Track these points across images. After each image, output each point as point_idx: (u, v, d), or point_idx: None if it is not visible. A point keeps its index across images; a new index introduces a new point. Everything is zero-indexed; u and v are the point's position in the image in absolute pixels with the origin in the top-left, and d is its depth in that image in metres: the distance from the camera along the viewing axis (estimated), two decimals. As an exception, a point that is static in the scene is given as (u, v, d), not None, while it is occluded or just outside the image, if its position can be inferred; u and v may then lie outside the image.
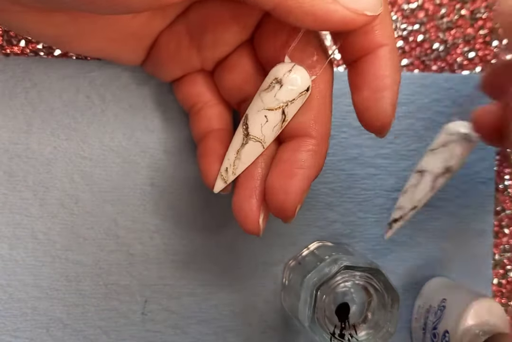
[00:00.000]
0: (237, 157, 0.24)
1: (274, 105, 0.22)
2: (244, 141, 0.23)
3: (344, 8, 0.20)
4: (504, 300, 0.37)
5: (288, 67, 0.22)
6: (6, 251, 0.33)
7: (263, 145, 0.23)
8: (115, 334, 0.33)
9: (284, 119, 0.23)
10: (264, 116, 0.23)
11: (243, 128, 0.23)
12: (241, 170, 0.24)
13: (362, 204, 0.36)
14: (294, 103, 0.23)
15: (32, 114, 0.33)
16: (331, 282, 0.28)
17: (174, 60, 0.27)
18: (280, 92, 0.22)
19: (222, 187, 0.25)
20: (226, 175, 0.24)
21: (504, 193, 0.37)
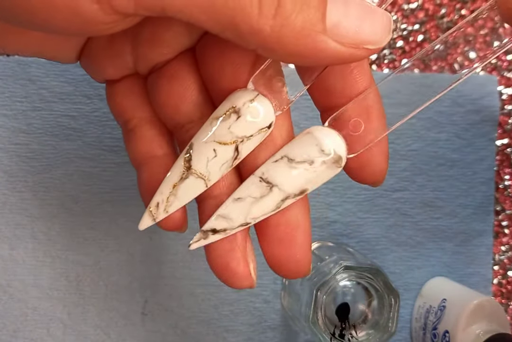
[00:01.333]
0: (173, 193, 0.19)
1: (226, 139, 0.19)
2: (183, 175, 0.19)
3: (337, 44, 0.16)
4: (504, 300, 0.37)
5: (250, 96, 0.19)
6: (7, 251, 0.33)
7: (207, 184, 0.19)
8: (115, 334, 0.33)
9: (236, 157, 0.19)
10: (213, 150, 0.19)
11: (184, 160, 0.19)
12: (175, 208, 0.19)
13: (362, 204, 0.36)
14: (251, 140, 0.19)
15: (32, 114, 0.33)
16: (331, 282, 0.28)
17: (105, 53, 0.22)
18: (236, 125, 0.19)
19: (149, 224, 0.20)
20: (156, 211, 0.19)
21: (504, 193, 0.37)
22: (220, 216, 0.20)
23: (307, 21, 0.15)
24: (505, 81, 0.37)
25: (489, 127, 0.36)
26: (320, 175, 0.19)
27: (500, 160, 0.37)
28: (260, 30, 0.15)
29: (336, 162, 0.19)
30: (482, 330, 0.31)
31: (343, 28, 0.16)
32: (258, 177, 0.19)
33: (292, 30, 0.15)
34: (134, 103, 0.22)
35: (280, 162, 0.19)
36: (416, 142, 0.36)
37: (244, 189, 0.19)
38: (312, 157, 0.19)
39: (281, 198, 0.19)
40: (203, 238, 0.20)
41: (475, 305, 0.32)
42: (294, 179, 0.19)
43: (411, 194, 0.36)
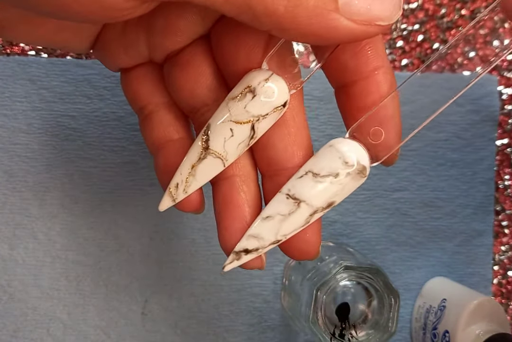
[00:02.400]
0: (191, 173, 0.20)
1: (243, 118, 0.19)
2: (202, 156, 0.20)
3: (350, 21, 0.16)
4: (504, 300, 0.37)
5: (265, 76, 0.19)
6: (6, 251, 0.33)
7: (224, 164, 0.20)
8: (115, 334, 0.33)
9: (252, 136, 0.19)
10: (230, 130, 0.19)
11: (202, 140, 0.20)
12: (194, 189, 0.20)
13: (362, 204, 0.36)
14: (267, 119, 0.19)
15: (32, 114, 0.33)
16: (331, 282, 0.28)
17: (119, 42, 0.22)
18: (252, 104, 0.19)
19: (169, 205, 0.20)
20: (176, 192, 0.20)
21: (504, 193, 0.37)
22: (251, 235, 0.20)
23: (320, 1, 0.16)
24: (505, 81, 0.37)
25: (489, 127, 0.37)
26: (346, 187, 0.19)
27: (500, 160, 0.37)
28: (274, 10, 0.16)
29: (360, 173, 0.19)
30: (482, 330, 0.31)
31: (355, 6, 0.16)
32: (284, 194, 0.20)
33: (305, 9, 0.16)
34: (150, 89, 0.22)
35: (305, 177, 0.19)
36: (416, 142, 0.36)
37: (272, 207, 0.20)
38: (337, 170, 0.19)
39: (310, 213, 0.19)
40: (236, 259, 0.20)
41: (475, 305, 0.32)
42: (320, 193, 0.19)
43: (411, 194, 0.36)
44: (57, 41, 0.22)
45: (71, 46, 0.23)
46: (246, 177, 0.21)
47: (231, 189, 0.21)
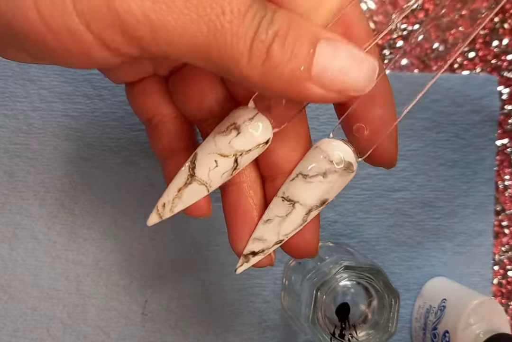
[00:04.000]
0: (178, 196, 0.21)
1: (227, 152, 0.20)
2: (188, 181, 0.21)
3: (322, 89, 0.17)
4: (504, 300, 0.37)
5: (250, 115, 0.20)
6: (6, 251, 0.33)
7: (208, 190, 0.21)
8: (115, 334, 0.33)
9: (235, 168, 0.21)
10: (214, 161, 0.21)
11: (189, 167, 0.21)
12: (179, 209, 0.22)
13: (362, 204, 0.36)
14: (250, 153, 0.20)
15: (32, 114, 0.33)
16: (331, 282, 0.28)
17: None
18: (236, 140, 0.20)
19: (156, 221, 0.22)
20: (163, 210, 0.22)
21: (504, 193, 0.37)
22: (256, 239, 0.22)
23: (295, 71, 0.17)
24: (505, 81, 0.37)
25: (489, 127, 0.36)
26: (336, 184, 0.21)
27: (500, 160, 0.37)
28: (248, 77, 0.17)
29: (347, 169, 0.20)
30: (482, 330, 0.31)
31: (329, 76, 0.17)
32: (280, 197, 0.21)
33: (280, 78, 0.17)
34: (156, 101, 0.24)
35: (296, 180, 0.21)
36: (416, 143, 0.36)
37: (270, 211, 0.22)
38: (324, 169, 0.20)
39: (305, 212, 0.21)
40: (245, 262, 0.22)
41: (475, 305, 0.32)
42: (312, 193, 0.21)
43: (411, 194, 0.36)
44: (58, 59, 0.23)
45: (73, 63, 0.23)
46: (252, 183, 0.22)
47: (239, 195, 0.22)
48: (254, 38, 0.16)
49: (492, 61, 0.37)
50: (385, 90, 0.21)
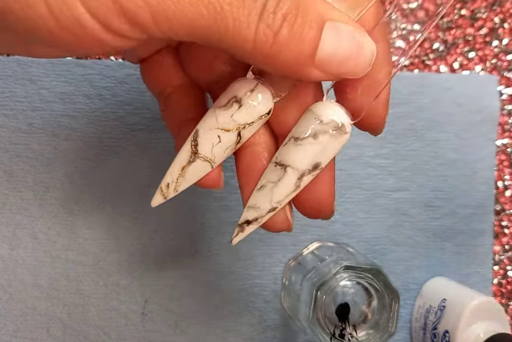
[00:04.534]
0: (181, 174, 0.21)
1: (230, 126, 0.20)
2: (191, 159, 0.21)
3: (320, 73, 0.18)
4: (504, 300, 0.37)
5: (251, 86, 0.20)
6: (6, 251, 0.33)
7: (212, 166, 0.21)
8: (115, 334, 0.33)
9: (238, 141, 0.21)
10: (217, 136, 0.20)
11: (191, 145, 0.21)
12: (183, 188, 0.21)
13: (362, 204, 0.36)
14: (252, 126, 0.20)
15: (32, 114, 0.33)
16: (331, 282, 0.28)
17: None
18: (238, 113, 0.20)
19: (160, 201, 0.22)
20: (167, 190, 0.21)
21: (504, 193, 0.37)
22: (250, 207, 0.21)
23: (299, 56, 0.17)
24: (505, 81, 0.37)
25: (489, 127, 0.36)
26: (328, 146, 0.20)
27: (500, 160, 0.37)
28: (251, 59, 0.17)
29: (339, 130, 0.20)
30: (482, 330, 0.31)
31: (330, 61, 0.18)
32: (273, 163, 0.21)
33: (284, 61, 0.17)
34: (168, 72, 0.24)
35: (288, 143, 0.20)
36: (416, 142, 0.36)
37: (264, 177, 0.21)
38: (314, 130, 0.20)
39: (297, 176, 0.20)
40: (240, 231, 0.21)
41: (475, 305, 0.32)
42: (302, 156, 0.20)
43: (411, 194, 0.36)
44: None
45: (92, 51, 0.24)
46: (266, 144, 0.22)
47: (253, 157, 0.22)
48: (260, 22, 0.16)
49: (492, 61, 0.37)
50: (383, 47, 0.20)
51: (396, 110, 0.36)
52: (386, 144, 0.36)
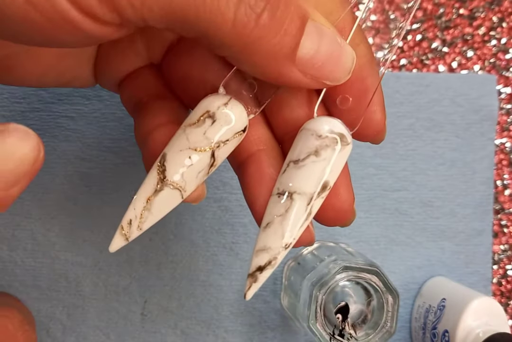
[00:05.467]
0: (147, 207, 0.18)
1: (202, 145, 0.18)
2: (158, 187, 0.18)
3: (300, 73, 0.17)
4: (504, 299, 0.37)
5: (224, 100, 0.18)
6: (6, 252, 0.33)
7: (182, 195, 0.18)
8: (115, 334, 0.33)
9: (212, 164, 0.18)
10: (188, 158, 0.18)
11: (158, 170, 0.18)
12: (149, 224, 0.19)
13: (362, 204, 0.36)
14: (227, 145, 0.18)
15: (31, 115, 0.33)
16: (331, 282, 0.28)
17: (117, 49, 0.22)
18: (212, 130, 0.18)
19: (121, 245, 0.18)
20: (129, 229, 0.18)
21: (504, 192, 0.37)
22: (259, 250, 0.18)
23: (280, 47, 0.16)
24: (504, 80, 0.37)
25: (488, 126, 0.36)
26: (332, 161, 0.18)
27: (499, 160, 0.37)
28: (229, 45, 0.16)
29: (340, 141, 0.18)
30: (482, 330, 0.31)
31: (311, 61, 0.17)
32: (275, 195, 0.19)
33: (263, 51, 0.16)
34: (145, 83, 0.22)
35: (288, 169, 0.19)
36: (415, 142, 0.36)
37: (268, 213, 0.19)
38: (315, 147, 0.18)
39: (306, 202, 0.18)
40: (253, 282, 0.19)
41: (475, 305, 0.32)
42: (307, 177, 0.18)
43: (410, 193, 0.36)
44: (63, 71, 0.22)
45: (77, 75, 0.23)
46: (271, 150, 0.20)
47: (259, 166, 0.20)
48: (241, 1, 0.15)
49: (491, 60, 0.37)
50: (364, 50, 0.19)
51: (395, 110, 0.36)
52: (385, 144, 0.36)
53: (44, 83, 0.22)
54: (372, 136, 0.20)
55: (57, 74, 0.22)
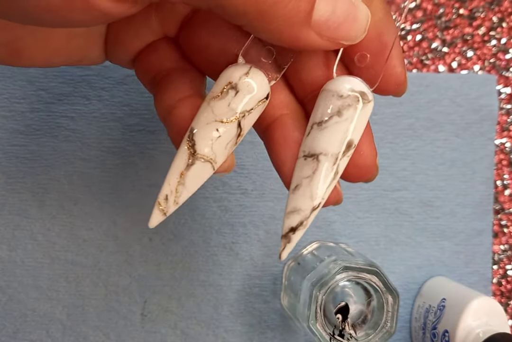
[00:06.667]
0: (181, 182, 0.19)
1: (228, 116, 0.18)
2: (189, 162, 0.19)
3: (317, 36, 0.17)
4: (504, 299, 0.37)
5: (244, 70, 0.19)
6: (6, 252, 0.33)
7: (214, 167, 0.19)
8: (115, 335, 0.33)
9: (239, 134, 0.19)
10: (216, 130, 0.18)
11: (188, 145, 0.19)
12: (185, 198, 0.19)
13: (361, 204, 0.36)
14: (252, 114, 0.19)
15: (31, 115, 0.33)
16: (331, 282, 0.28)
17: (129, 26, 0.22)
18: (235, 100, 0.18)
19: (160, 220, 0.19)
20: (166, 204, 0.19)
21: (503, 192, 0.37)
22: (290, 212, 0.19)
23: (296, 12, 0.16)
24: (504, 80, 0.37)
25: (488, 126, 0.36)
26: (355, 120, 0.19)
27: (499, 159, 0.37)
28: (244, 13, 0.16)
29: (362, 99, 0.19)
30: (482, 330, 0.31)
31: (327, 23, 0.17)
32: (301, 157, 0.19)
33: (279, 17, 0.16)
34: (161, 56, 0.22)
35: (311, 132, 0.19)
36: (415, 142, 0.36)
37: (295, 176, 0.19)
38: (337, 107, 0.18)
39: (333, 162, 0.19)
40: (287, 243, 0.19)
41: (475, 305, 0.32)
42: (332, 138, 0.19)
43: (410, 193, 0.36)
44: (72, 51, 0.22)
45: (87, 55, 0.23)
46: (294, 113, 0.20)
47: (284, 130, 0.20)
48: None
49: (491, 60, 0.37)
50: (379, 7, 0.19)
51: (395, 110, 0.36)
52: (385, 144, 0.36)
53: (53, 64, 0.22)
54: (394, 90, 0.20)
55: (67, 55, 0.22)
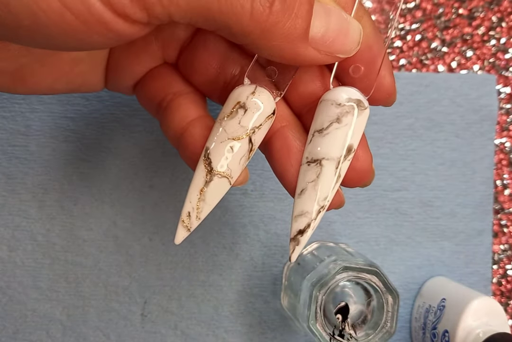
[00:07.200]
0: (201, 198, 0.20)
1: (240, 134, 0.20)
2: (207, 179, 0.20)
3: (314, 51, 0.18)
4: (504, 299, 0.37)
5: (251, 89, 0.20)
6: (6, 253, 0.33)
7: (230, 181, 0.20)
8: (115, 335, 0.33)
9: (251, 149, 0.20)
10: (230, 148, 0.20)
11: (205, 164, 0.20)
12: (206, 213, 0.21)
13: (361, 204, 0.36)
14: (261, 129, 0.20)
15: (31, 116, 0.33)
16: (331, 282, 0.28)
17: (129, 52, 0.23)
18: (245, 118, 0.20)
19: (185, 236, 0.21)
20: (189, 221, 0.20)
21: (503, 192, 0.37)
22: (297, 215, 0.20)
23: (294, 30, 0.18)
24: (503, 80, 0.37)
25: (487, 126, 0.36)
26: (354, 125, 0.20)
27: (499, 159, 0.37)
28: (249, 33, 0.17)
29: (359, 106, 0.20)
30: (482, 330, 0.31)
31: (322, 38, 0.18)
32: (305, 163, 0.21)
33: (280, 35, 0.18)
34: (165, 82, 0.23)
35: (313, 139, 0.20)
36: (415, 142, 0.36)
37: (300, 181, 0.21)
38: (336, 115, 0.20)
39: (335, 166, 0.20)
40: (296, 245, 0.20)
41: (475, 305, 0.32)
42: (333, 143, 0.20)
43: (410, 193, 0.36)
44: (75, 77, 0.23)
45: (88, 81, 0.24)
46: (293, 125, 0.22)
47: (285, 140, 0.21)
48: None
49: (490, 60, 0.37)
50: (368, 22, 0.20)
51: (395, 110, 0.36)
52: (385, 144, 0.36)
53: (55, 90, 0.23)
54: (385, 99, 0.22)
55: (68, 81, 0.23)
